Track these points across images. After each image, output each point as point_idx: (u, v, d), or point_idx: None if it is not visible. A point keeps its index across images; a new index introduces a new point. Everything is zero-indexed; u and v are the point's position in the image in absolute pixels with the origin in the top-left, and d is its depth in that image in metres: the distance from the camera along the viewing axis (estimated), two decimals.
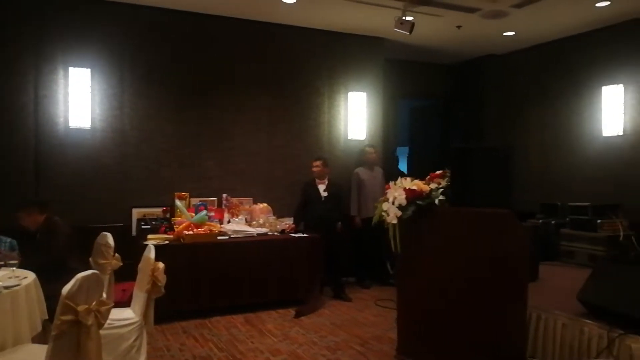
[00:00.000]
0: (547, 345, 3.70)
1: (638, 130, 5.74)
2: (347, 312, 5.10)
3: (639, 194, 5.63)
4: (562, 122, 6.64)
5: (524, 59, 7.19)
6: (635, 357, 3.06)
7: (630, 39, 5.75)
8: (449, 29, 6.09)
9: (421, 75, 7.90)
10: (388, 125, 7.32)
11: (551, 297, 4.05)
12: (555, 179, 6.73)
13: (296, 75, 6.22)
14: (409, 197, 3.56)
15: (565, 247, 5.80)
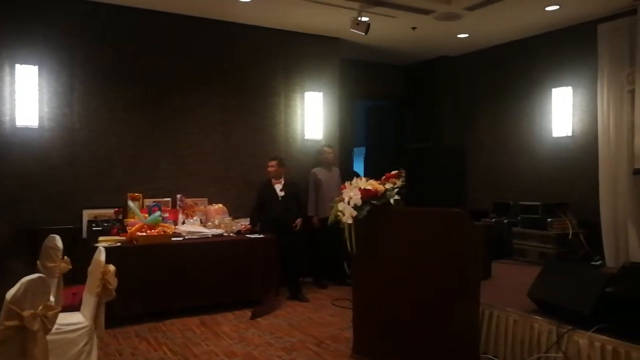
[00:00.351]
0: (499, 341, 3.79)
1: (586, 131, 5.94)
2: (304, 312, 5.08)
3: (587, 193, 5.82)
4: (513, 122, 6.82)
5: (477, 61, 7.34)
6: (583, 352, 3.17)
7: (579, 43, 5.94)
8: (404, 30, 6.15)
9: (377, 76, 7.97)
10: (344, 125, 7.34)
11: (503, 295, 4.15)
12: (507, 178, 6.90)
13: (252, 74, 6.15)
14: (364, 197, 3.58)
15: (517, 245, 5.96)
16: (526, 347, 3.57)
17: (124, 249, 4.61)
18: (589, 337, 3.13)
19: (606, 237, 5.58)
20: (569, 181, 6.10)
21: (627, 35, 5.36)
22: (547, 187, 6.32)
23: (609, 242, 5.57)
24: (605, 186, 5.59)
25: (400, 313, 3.52)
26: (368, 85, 7.89)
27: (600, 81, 5.63)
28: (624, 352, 2.96)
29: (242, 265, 5.08)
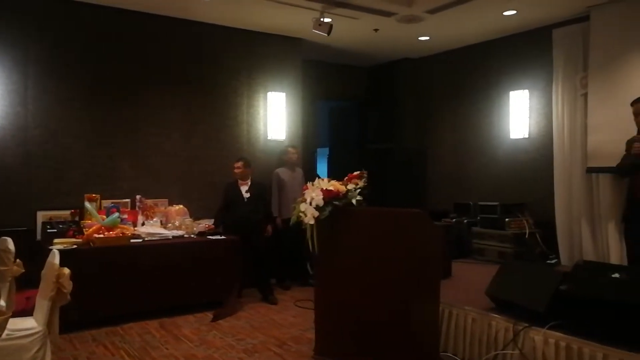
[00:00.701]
0: (458, 340, 3.86)
1: (542, 133, 6.11)
2: (266, 313, 5.05)
3: (543, 194, 5.98)
4: (473, 124, 6.96)
5: (438, 63, 7.46)
6: (538, 348, 3.25)
7: (535, 47, 6.10)
8: (366, 31, 6.19)
9: (340, 77, 8.00)
10: (308, 125, 7.35)
11: (463, 293, 4.22)
12: (467, 179, 7.03)
13: (214, 74, 6.08)
14: (326, 197, 3.58)
15: (476, 245, 6.08)
16: (484, 345, 3.64)
17: (80, 251, 4.49)
18: (544, 334, 3.22)
19: (561, 236, 5.76)
20: (526, 182, 6.26)
21: (581, 40, 5.54)
22: (505, 188, 6.47)
23: (563, 241, 5.74)
24: (560, 186, 5.76)
25: (361, 313, 3.54)
26: (331, 86, 7.91)
27: (555, 85, 5.80)
28: (577, 348, 3.05)
29: (203, 266, 5.01)
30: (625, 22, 5.06)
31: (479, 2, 5.15)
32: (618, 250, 5.08)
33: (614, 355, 2.87)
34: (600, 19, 5.26)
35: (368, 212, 3.72)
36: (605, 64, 5.22)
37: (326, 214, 3.56)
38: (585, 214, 5.52)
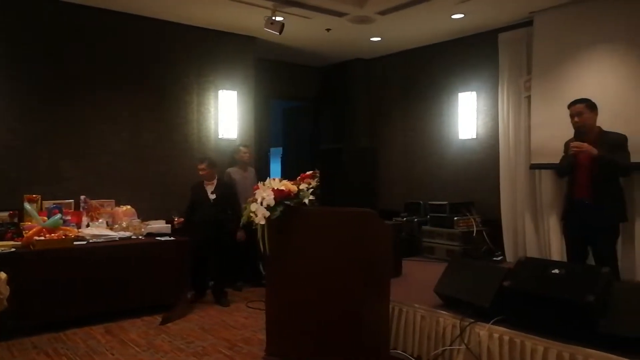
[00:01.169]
0: (408, 337, 3.91)
1: (489, 134, 6.29)
2: (217, 315, 4.98)
3: (490, 192, 6.17)
4: (424, 125, 7.09)
5: (390, 64, 7.56)
6: (483, 343, 3.33)
7: (482, 50, 6.27)
8: (318, 31, 6.20)
9: (293, 76, 7.99)
10: (260, 125, 7.30)
11: (412, 291, 4.28)
12: (418, 178, 7.16)
13: (163, 71, 5.94)
14: (277, 197, 3.56)
15: (426, 243, 6.20)
16: (432, 341, 3.70)
17: (19, 254, 4.29)
18: (489, 328, 3.30)
19: (506, 233, 5.95)
20: (474, 181, 6.43)
21: (525, 44, 5.74)
22: (454, 187, 6.63)
23: (508, 238, 5.93)
24: (505, 185, 5.95)
25: (312, 312, 3.53)
26: (284, 86, 7.89)
27: (501, 87, 5.98)
28: (519, 342, 3.15)
29: (152, 269, 4.89)
30: (566, 28, 5.27)
31: (428, 5, 5.25)
32: (559, 247, 5.29)
33: (553, 347, 2.97)
34: (542, 24, 5.46)
35: (319, 211, 3.72)
36: (547, 67, 5.42)
37: (277, 214, 3.54)
38: (528, 212, 5.73)
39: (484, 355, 3.33)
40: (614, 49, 4.93)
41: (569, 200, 4.05)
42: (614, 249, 3.94)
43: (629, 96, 4.80)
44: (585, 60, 5.14)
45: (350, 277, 3.43)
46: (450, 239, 5.94)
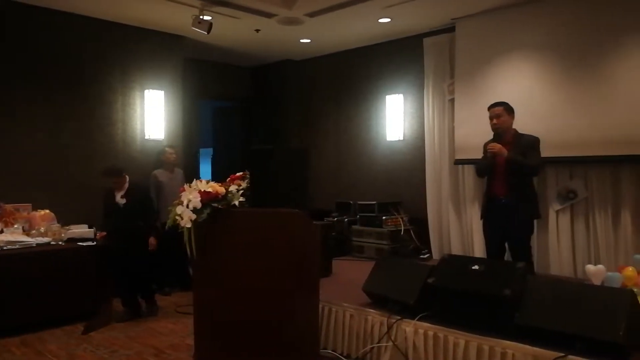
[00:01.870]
0: (338, 336, 3.95)
1: (415, 135, 6.47)
2: (144, 322, 4.81)
3: (417, 192, 6.36)
4: (353, 126, 7.20)
5: (320, 66, 7.62)
6: (409, 339, 3.43)
7: (408, 54, 6.45)
8: (248, 32, 6.16)
9: (223, 77, 7.88)
10: (190, 125, 7.15)
11: (342, 290, 4.34)
12: (348, 179, 7.26)
13: (85, 69, 5.69)
14: (204, 199, 3.49)
15: (356, 243, 6.30)
16: (361, 339, 3.76)
17: None
18: (414, 325, 3.40)
19: (432, 231, 6.15)
20: (401, 181, 6.60)
21: (448, 49, 5.97)
22: (382, 187, 6.78)
23: (434, 237, 6.14)
24: (431, 185, 6.15)
25: (241, 315, 3.50)
26: (214, 86, 7.77)
27: (426, 90, 6.19)
28: (443, 336, 3.27)
29: (73, 276, 4.65)
30: (485, 34, 5.52)
31: (355, 8, 5.33)
32: (481, 244, 5.52)
33: (474, 341, 3.11)
34: (464, 30, 5.70)
35: (248, 213, 3.68)
36: (469, 71, 5.66)
37: (204, 216, 3.47)
38: (452, 211, 5.95)
39: (409, 351, 3.43)
40: (529, 55, 5.22)
41: (487, 199, 4.24)
42: (528, 245, 4.17)
43: (542, 99, 5.09)
44: (503, 65, 5.41)
45: (279, 277, 3.43)
46: (379, 238, 6.06)
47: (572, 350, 2.74)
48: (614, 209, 4.83)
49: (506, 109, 4.19)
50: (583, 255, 4.99)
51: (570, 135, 4.89)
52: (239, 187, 3.99)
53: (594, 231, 4.95)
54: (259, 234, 3.50)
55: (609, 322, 2.65)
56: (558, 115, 4.98)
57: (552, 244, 5.18)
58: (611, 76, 4.71)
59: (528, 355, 2.87)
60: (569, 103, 4.94)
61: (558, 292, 3.01)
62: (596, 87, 4.78)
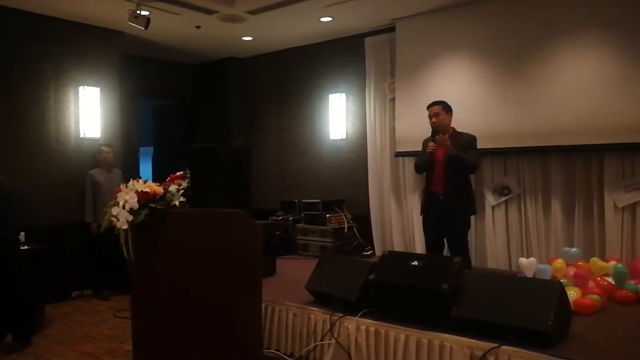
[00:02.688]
0: (281, 335, 3.94)
1: (357, 134, 6.54)
2: (79, 328, 4.63)
3: (359, 189, 6.42)
4: (297, 125, 7.19)
5: (264, 64, 7.56)
6: (351, 336, 3.46)
7: (350, 53, 6.50)
8: (188, 28, 6.02)
9: (164, 73, 7.68)
10: (129, 124, 6.93)
11: (285, 289, 4.33)
12: (293, 177, 7.25)
13: (14, 65, 5.38)
14: (142, 200, 3.39)
15: (301, 241, 6.30)
16: (304, 338, 3.77)
17: None
18: (356, 321, 3.44)
19: (375, 228, 6.23)
20: (345, 179, 6.66)
21: (388, 49, 6.06)
22: (327, 186, 6.81)
23: (377, 233, 6.23)
24: (373, 183, 6.23)
25: (182, 317, 3.42)
26: (155, 83, 7.56)
27: (368, 90, 6.26)
28: (384, 332, 3.32)
29: None
30: (425, 35, 5.64)
31: (297, 7, 5.32)
32: (422, 240, 5.64)
33: (414, 335, 3.18)
34: (404, 31, 5.80)
35: (187, 213, 3.62)
36: (409, 71, 5.76)
37: (142, 217, 3.37)
38: (394, 208, 6.06)
39: (352, 347, 3.46)
40: (466, 55, 5.38)
41: (426, 195, 4.34)
42: (465, 240, 4.30)
43: (478, 96, 5.26)
44: (442, 64, 5.54)
45: (220, 278, 3.38)
46: (323, 236, 6.09)
47: (505, 340, 2.85)
48: (544, 202, 5.06)
49: (444, 108, 4.30)
50: (517, 248, 5.20)
51: (504, 127, 5.08)
52: (180, 187, 3.93)
53: (526, 225, 5.17)
54: (199, 235, 3.44)
55: (539, 313, 2.78)
56: (492, 110, 5.16)
57: (489, 238, 5.37)
58: (540, 74, 4.91)
59: (465, 346, 2.96)
60: (502, 99, 5.12)
61: (492, 285, 3.12)
62: (527, 85, 4.98)
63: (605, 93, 4.55)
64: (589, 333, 3.12)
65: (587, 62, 4.68)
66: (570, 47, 4.76)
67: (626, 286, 3.87)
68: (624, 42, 4.47)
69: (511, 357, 2.80)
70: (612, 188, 4.63)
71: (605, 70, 4.58)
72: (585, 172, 4.85)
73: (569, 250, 4.48)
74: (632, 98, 4.42)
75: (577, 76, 4.71)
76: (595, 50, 4.63)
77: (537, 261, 4.53)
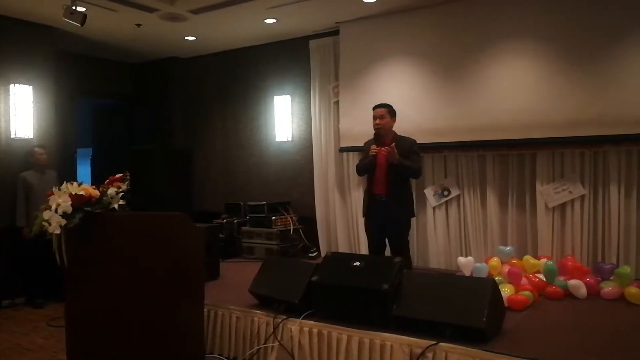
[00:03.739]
0: (224, 339, 3.90)
1: (303, 136, 6.55)
2: (10, 338, 4.39)
3: (305, 191, 6.44)
4: (242, 127, 7.12)
5: (207, 65, 7.45)
6: (294, 338, 3.47)
7: (296, 55, 6.50)
8: (128, 26, 5.84)
9: (104, 72, 7.43)
10: (65, 124, 6.65)
11: (229, 293, 4.29)
12: (238, 180, 7.18)
13: None
14: (76, 203, 3.26)
15: (246, 244, 6.26)
16: (248, 341, 3.75)
17: None
18: (299, 323, 3.45)
19: (320, 230, 6.26)
20: (290, 181, 6.66)
21: (333, 52, 6.10)
22: (272, 188, 6.79)
23: (322, 235, 6.26)
24: (319, 185, 6.26)
25: (119, 324, 3.31)
26: (93, 82, 7.30)
27: (313, 92, 6.27)
28: (327, 333, 3.35)
29: None
30: (368, 38, 5.72)
31: (240, 7, 5.27)
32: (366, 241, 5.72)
33: (356, 335, 3.22)
34: (348, 34, 5.86)
35: (125, 217, 3.50)
36: (352, 74, 5.82)
37: (75, 221, 3.24)
38: (339, 210, 6.10)
39: (295, 349, 3.47)
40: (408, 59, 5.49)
41: (368, 197, 4.40)
42: (406, 240, 4.39)
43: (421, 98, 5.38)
44: (385, 68, 5.63)
45: (160, 283, 3.29)
46: (268, 239, 6.07)
47: (443, 337, 2.93)
48: (482, 203, 5.24)
49: (389, 112, 4.37)
50: (457, 248, 5.36)
51: (444, 123, 5.22)
52: (119, 190, 3.81)
53: (465, 225, 5.33)
54: (138, 239, 3.34)
55: (473, 310, 2.88)
56: (433, 108, 5.31)
57: (431, 238, 5.50)
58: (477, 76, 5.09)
59: (404, 345, 3.02)
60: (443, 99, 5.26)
61: (430, 284, 3.21)
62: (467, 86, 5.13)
63: (537, 93, 4.78)
64: (521, 328, 3.26)
65: (520, 66, 4.89)
66: (505, 52, 4.96)
67: (556, 282, 4.07)
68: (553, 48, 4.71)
69: (448, 353, 2.88)
70: (544, 189, 4.86)
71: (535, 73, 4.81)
72: (519, 174, 5.07)
73: (504, 249, 4.67)
74: (559, 97, 4.66)
75: (511, 78, 4.92)
76: (528, 54, 4.84)
77: (475, 260, 4.70)
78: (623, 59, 4.41)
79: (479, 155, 5.23)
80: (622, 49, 4.42)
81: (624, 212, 4.56)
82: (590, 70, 4.54)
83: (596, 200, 4.70)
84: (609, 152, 4.60)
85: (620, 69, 4.42)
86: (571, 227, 4.77)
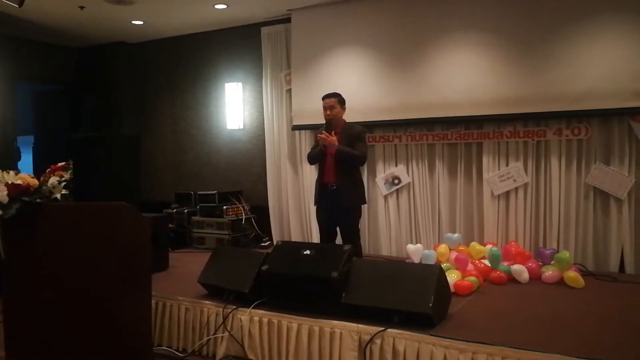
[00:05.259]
0: (173, 331, 3.84)
1: (254, 124, 6.48)
2: None
3: (257, 180, 6.40)
4: (193, 114, 6.99)
5: (156, 50, 7.25)
6: (244, 327, 3.45)
7: (247, 42, 6.41)
8: (70, 8, 5.61)
9: (45, 57, 7.13)
10: (4, 110, 6.35)
11: (178, 284, 4.22)
12: (188, 169, 7.06)
13: None
14: (13, 193, 3.14)
15: (196, 234, 6.16)
16: (197, 332, 3.70)
17: None
18: (249, 313, 3.44)
19: (273, 219, 6.24)
20: (242, 170, 6.59)
21: (285, 40, 6.05)
22: (224, 176, 6.71)
23: (275, 224, 6.23)
24: (271, 173, 6.22)
25: (60, 320, 3.20)
26: (34, 67, 7.00)
27: (265, 80, 6.21)
28: (277, 322, 3.35)
29: None
30: (320, 27, 5.69)
31: None
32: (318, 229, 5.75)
33: (305, 323, 3.23)
34: (299, 22, 5.81)
35: (66, 207, 3.41)
36: (304, 63, 5.79)
37: (12, 211, 3.13)
38: (292, 198, 6.09)
39: (245, 339, 3.46)
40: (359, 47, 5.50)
41: (319, 186, 4.41)
42: (357, 228, 4.42)
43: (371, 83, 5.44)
44: (337, 56, 5.63)
45: (104, 275, 3.20)
46: (219, 228, 5.99)
47: (391, 323, 2.97)
48: (431, 191, 5.34)
49: (339, 101, 4.37)
50: (407, 235, 5.45)
51: (393, 100, 5.31)
52: (61, 179, 3.68)
53: (415, 213, 5.43)
54: (80, 230, 3.23)
55: (420, 296, 2.93)
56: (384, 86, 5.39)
57: (382, 226, 5.57)
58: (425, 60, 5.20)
59: (353, 332, 3.06)
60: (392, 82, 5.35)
61: (378, 272, 3.25)
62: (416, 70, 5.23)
63: (485, 71, 4.92)
64: (466, 312, 3.36)
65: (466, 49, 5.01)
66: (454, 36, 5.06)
67: (500, 267, 4.21)
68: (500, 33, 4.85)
69: (396, 339, 2.93)
70: (489, 178, 5.00)
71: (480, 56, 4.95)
72: (467, 163, 5.19)
73: (452, 236, 4.79)
74: (504, 76, 4.82)
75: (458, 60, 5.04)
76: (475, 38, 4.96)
77: (424, 247, 4.79)
78: (561, 44, 4.60)
79: (429, 145, 5.32)
80: (561, 36, 4.60)
81: (564, 200, 4.75)
82: (532, 54, 4.71)
83: (538, 188, 4.89)
84: (551, 141, 4.77)
85: (559, 52, 4.61)
86: (515, 214, 4.94)
